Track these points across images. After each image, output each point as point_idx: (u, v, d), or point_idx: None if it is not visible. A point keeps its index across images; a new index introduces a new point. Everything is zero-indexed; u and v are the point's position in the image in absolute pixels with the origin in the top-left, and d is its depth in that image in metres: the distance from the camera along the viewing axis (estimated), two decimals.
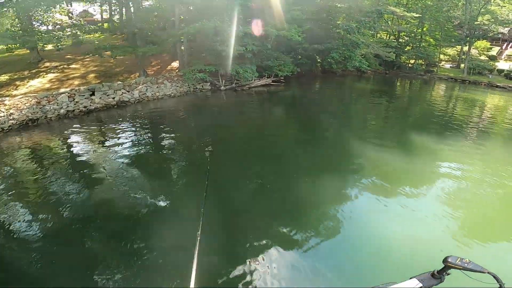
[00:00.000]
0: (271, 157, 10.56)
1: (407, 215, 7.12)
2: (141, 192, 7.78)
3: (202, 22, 16.68)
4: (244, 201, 7.69)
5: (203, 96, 20.17)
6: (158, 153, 10.91)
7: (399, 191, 8.14)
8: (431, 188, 8.51)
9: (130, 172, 9.03)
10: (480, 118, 18.40)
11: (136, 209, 7.09)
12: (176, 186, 8.52)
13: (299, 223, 6.67)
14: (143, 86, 19.88)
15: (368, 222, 6.80)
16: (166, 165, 9.80)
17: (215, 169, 8.96)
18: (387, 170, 9.59)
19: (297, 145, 11.96)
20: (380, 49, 30.10)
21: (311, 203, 7.60)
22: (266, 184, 8.54)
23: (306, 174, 9.23)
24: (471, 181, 8.98)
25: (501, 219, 7.30)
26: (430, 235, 6.32)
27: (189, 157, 10.64)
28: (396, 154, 10.76)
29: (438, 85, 32.17)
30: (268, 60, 22.57)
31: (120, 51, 19.24)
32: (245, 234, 6.28)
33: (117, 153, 10.52)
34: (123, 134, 12.60)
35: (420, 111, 19.98)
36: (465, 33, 36.29)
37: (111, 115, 15.87)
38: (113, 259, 5.59)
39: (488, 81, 33.23)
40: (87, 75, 23.11)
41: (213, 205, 6.96)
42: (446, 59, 42.55)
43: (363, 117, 17.41)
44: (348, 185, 8.63)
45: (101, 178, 8.70)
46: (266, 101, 20.18)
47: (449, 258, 1.39)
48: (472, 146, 12.36)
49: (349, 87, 28.20)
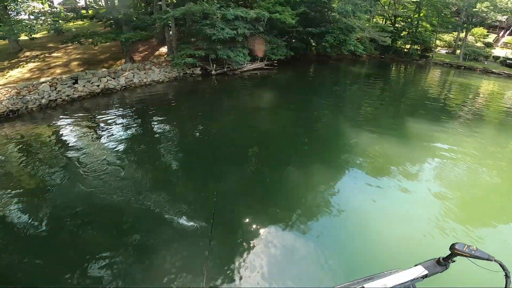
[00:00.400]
0: (261, 146, 10.15)
1: (401, 200, 7.05)
2: (129, 187, 7.38)
3: (189, 4, 15.77)
4: (236, 191, 7.37)
5: (193, 82, 19.46)
6: (145, 145, 10.29)
7: (394, 176, 8.06)
8: (425, 172, 8.44)
9: (118, 165, 8.61)
10: (475, 103, 18.19)
11: (126, 205, 6.72)
12: (164, 182, 8.01)
13: (289, 210, 6.47)
14: (129, 72, 19.07)
15: (362, 209, 6.65)
16: (154, 160, 9.28)
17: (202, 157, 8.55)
18: (381, 155, 9.38)
19: (289, 131, 11.60)
20: (375, 34, 29.30)
21: (303, 188, 7.36)
22: (255, 176, 8.12)
23: (298, 161, 8.88)
24: (465, 163, 9.01)
25: (497, 202, 7.27)
26: (425, 221, 6.22)
27: (177, 151, 10.13)
28: (390, 140, 10.52)
29: (434, 70, 31.82)
30: (260, 44, 21.71)
31: (101, 38, 18.26)
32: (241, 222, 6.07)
33: (103, 144, 10.07)
34: (108, 123, 12.09)
35: (414, 96, 19.60)
36: (462, 20, 35.76)
37: (96, 103, 15.23)
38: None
39: (484, 67, 32.98)
40: (69, 63, 22.16)
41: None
42: (442, 45, 42.18)
43: (357, 102, 16.97)
44: (342, 170, 8.38)
45: (88, 172, 8.25)
46: (258, 86, 19.58)
47: (456, 245, 1.36)
48: (466, 131, 12.20)
49: (343, 71, 27.61)
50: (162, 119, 12.81)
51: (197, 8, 16.30)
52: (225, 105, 15.29)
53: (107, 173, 8.04)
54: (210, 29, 17.01)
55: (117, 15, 20.39)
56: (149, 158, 9.15)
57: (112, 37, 18.24)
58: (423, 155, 9.48)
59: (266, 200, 7.00)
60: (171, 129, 11.72)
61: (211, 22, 17.23)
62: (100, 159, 8.85)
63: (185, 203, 6.63)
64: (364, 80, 23.12)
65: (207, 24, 17.27)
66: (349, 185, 7.61)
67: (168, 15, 17.01)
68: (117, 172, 8.12)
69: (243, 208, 6.51)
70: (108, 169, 8.25)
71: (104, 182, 7.61)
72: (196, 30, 18.05)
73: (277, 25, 22.54)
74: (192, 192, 7.26)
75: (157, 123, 12.38)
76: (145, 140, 10.52)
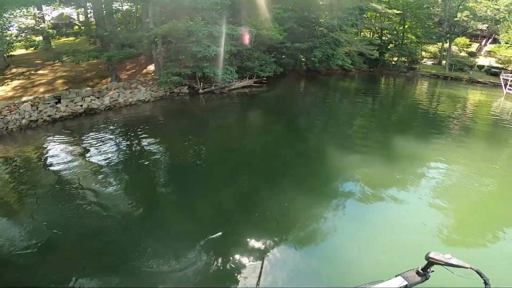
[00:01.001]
0: (246, 170, 9.66)
1: (392, 214, 7.00)
2: (108, 217, 6.88)
3: (172, 22, 15.55)
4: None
5: (180, 101, 19.00)
6: (127, 172, 9.66)
7: (384, 191, 7.92)
8: (416, 186, 8.35)
9: (99, 188, 8.25)
10: (464, 114, 18.18)
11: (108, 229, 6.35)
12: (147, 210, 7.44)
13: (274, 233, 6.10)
14: (114, 91, 18.57)
15: (352, 225, 6.51)
16: (137, 187, 8.71)
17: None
18: (371, 178, 8.92)
19: (276, 153, 11.07)
20: (363, 47, 29.69)
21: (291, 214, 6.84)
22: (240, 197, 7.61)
23: (285, 184, 8.40)
24: (455, 178, 8.98)
25: (485, 216, 7.22)
26: (416, 233, 6.19)
27: (159, 176, 9.58)
28: (380, 160, 10.04)
29: (421, 82, 32.20)
30: (248, 61, 21.55)
31: (84, 56, 17.83)
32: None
33: (83, 168, 9.63)
34: (90, 146, 11.64)
35: (404, 110, 19.55)
36: (445, 30, 36.69)
37: (78, 124, 14.79)
38: None
39: (469, 77, 33.58)
40: (54, 81, 21.67)
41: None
42: (428, 56, 43.05)
43: (347, 119, 16.66)
44: (330, 197, 7.87)
45: (70, 195, 7.87)
46: (246, 105, 19.16)
47: (431, 254, 1.37)
48: (457, 145, 12.06)
49: (333, 87, 27.61)
50: (146, 142, 12.18)
51: (181, 25, 16.05)
52: (211, 126, 14.72)
53: (81, 199, 7.54)
54: (196, 47, 16.75)
55: (103, 33, 20.06)
56: (130, 186, 8.57)
57: (94, 55, 17.81)
58: (415, 175, 9.15)
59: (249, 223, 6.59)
60: (155, 152, 11.10)
61: (197, 40, 16.99)
62: (77, 184, 8.37)
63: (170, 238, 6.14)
64: (353, 96, 23.00)
65: (193, 41, 17.02)
66: (337, 213, 7.11)
67: (151, 33, 16.71)
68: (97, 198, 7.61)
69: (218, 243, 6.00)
70: (83, 196, 7.75)
71: (74, 209, 7.11)
72: (182, 48, 17.77)
73: (265, 41, 22.51)
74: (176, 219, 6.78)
75: (141, 146, 11.78)
76: (128, 166, 9.92)
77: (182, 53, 18.68)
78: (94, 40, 20.33)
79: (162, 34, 17.36)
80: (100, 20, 19.32)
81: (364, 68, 36.00)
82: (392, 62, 39.11)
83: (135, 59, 26.97)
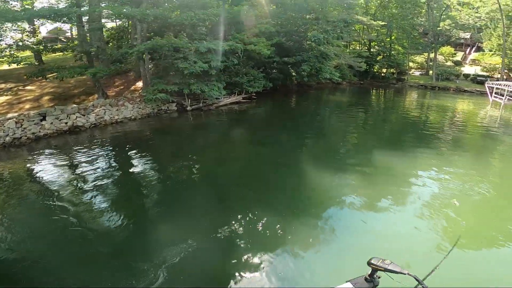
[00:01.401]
0: (230, 192, 9.23)
1: (387, 227, 6.95)
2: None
3: (155, 39, 15.48)
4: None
5: (167, 118, 18.66)
6: (109, 194, 9.18)
7: (379, 205, 7.91)
8: (409, 199, 8.28)
9: (79, 209, 8.01)
10: (452, 125, 18.27)
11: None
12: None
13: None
14: (100, 109, 18.27)
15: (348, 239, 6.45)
16: (120, 207, 8.28)
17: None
18: (362, 200, 8.54)
19: (262, 172, 10.61)
20: (351, 60, 30.13)
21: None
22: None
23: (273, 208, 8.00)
24: (447, 189, 8.87)
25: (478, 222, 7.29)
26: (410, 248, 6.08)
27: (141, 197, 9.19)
28: (371, 179, 9.76)
29: (410, 93, 32.54)
30: (237, 76, 21.52)
31: (68, 72, 17.61)
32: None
33: (65, 187, 9.41)
34: (73, 165, 11.50)
35: (395, 123, 19.55)
36: (430, 40, 37.50)
37: (62, 142, 14.47)
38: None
39: (456, 86, 34.18)
40: (41, 97, 21.33)
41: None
42: (415, 67, 43.78)
43: (337, 134, 16.36)
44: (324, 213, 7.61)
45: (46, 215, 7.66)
46: (233, 121, 18.83)
47: (372, 260, 1.36)
48: (446, 155, 12.02)
49: (323, 101, 27.67)
50: (130, 161, 11.78)
51: (164, 42, 15.94)
52: (196, 145, 14.24)
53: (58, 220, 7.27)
54: (182, 63, 16.63)
55: (89, 48, 19.89)
56: (113, 207, 8.13)
57: (79, 72, 17.55)
58: (405, 184, 9.15)
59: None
60: (137, 172, 10.75)
61: (184, 56, 16.90)
62: (55, 204, 8.16)
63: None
64: (344, 109, 22.92)
65: (180, 57, 16.92)
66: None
67: (134, 50, 16.56)
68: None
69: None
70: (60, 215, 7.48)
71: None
72: (169, 64, 17.65)
73: (253, 56, 22.59)
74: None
75: (125, 165, 11.41)
76: (110, 186, 9.52)
77: (170, 70, 18.57)
78: (80, 56, 20.13)
79: (145, 51, 17.22)
80: (84, 35, 19.18)
81: (355, 80, 36.41)
82: (382, 73, 39.67)
83: (125, 76, 26.79)
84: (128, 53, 16.80)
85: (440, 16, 36.33)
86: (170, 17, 15.96)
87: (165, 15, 15.98)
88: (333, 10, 28.60)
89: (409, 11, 35.79)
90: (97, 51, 21.28)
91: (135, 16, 15.49)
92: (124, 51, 17.72)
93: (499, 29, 32.72)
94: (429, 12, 36.56)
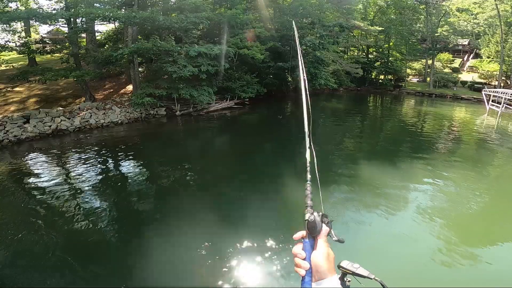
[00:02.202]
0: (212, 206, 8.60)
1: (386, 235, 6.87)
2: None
3: (139, 42, 14.96)
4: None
5: (155, 123, 18.03)
6: (90, 204, 8.59)
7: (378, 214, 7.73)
8: (400, 212, 8.06)
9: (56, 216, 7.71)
10: (450, 134, 17.81)
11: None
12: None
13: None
14: (87, 112, 17.71)
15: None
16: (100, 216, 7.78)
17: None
18: (361, 200, 8.54)
19: (248, 186, 9.86)
20: (348, 66, 29.70)
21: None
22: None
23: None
24: (445, 197, 8.81)
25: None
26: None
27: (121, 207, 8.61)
28: (368, 184, 9.54)
29: (408, 101, 32.09)
30: (229, 81, 20.95)
31: (52, 75, 17.13)
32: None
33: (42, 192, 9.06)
34: (50, 171, 11.11)
35: (391, 132, 18.97)
36: (428, 46, 37.15)
37: (45, 145, 14.04)
38: None
39: (453, 93, 33.76)
40: (28, 99, 20.87)
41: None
42: (413, 73, 43.41)
43: (331, 144, 15.76)
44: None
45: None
46: (224, 128, 18.21)
47: (341, 262, 1.34)
48: (442, 165, 11.70)
49: (319, 107, 26.92)
50: (109, 168, 11.40)
51: (149, 45, 15.39)
52: (182, 152, 13.60)
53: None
54: (171, 67, 16.08)
55: (76, 50, 19.38)
56: (93, 215, 7.70)
57: (62, 74, 17.06)
58: (402, 196, 8.88)
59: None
60: (117, 178, 10.36)
61: (173, 59, 16.34)
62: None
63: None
64: (340, 117, 22.33)
65: (169, 61, 16.37)
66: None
67: (118, 53, 16.06)
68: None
69: None
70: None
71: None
72: (157, 68, 17.09)
73: (247, 61, 22.08)
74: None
75: (105, 171, 10.96)
76: (89, 193, 9.09)
77: (159, 74, 18.03)
78: (66, 58, 19.67)
79: (129, 54, 16.70)
80: (73, 37, 18.67)
81: (352, 87, 35.92)
82: (379, 80, 39.20)
83: (116, 78, 26.20)
84: (113, 56, 16.20)
85: (438, 22, 36.04)
86: (158, 20, 15.41)
87: (153, 18, 15.46)
88: (330, 14, 28.24)
89: (408, 16, 35.48)
90: (85, 53, 20.79)
91: (119, 19, 14.99)
92: (108, 53, 17.17)
93: (497, 36, 32.45)
94: (428, 18, 36.30)
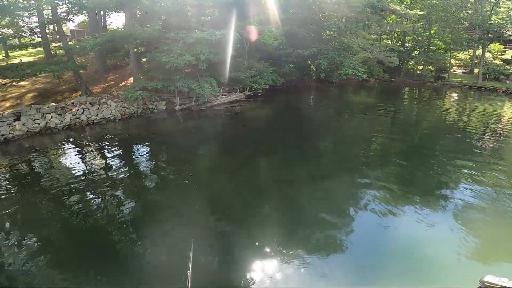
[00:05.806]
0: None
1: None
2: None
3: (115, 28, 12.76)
4: None
5: (152, 120, 15.82)
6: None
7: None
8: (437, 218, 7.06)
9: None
10: (500, 136, 14.26)
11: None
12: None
13: None
14: (79, 107, 16.04)
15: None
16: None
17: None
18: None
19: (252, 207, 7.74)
20: (380, 54, 25.47)
21: None
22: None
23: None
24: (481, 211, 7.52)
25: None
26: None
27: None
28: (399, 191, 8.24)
29: (451, 94, 27.75)
30: (238, 71, 18.10)
31: (30, 71, 15.80)
32: None
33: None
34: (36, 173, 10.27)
35: (428, 133, 15.35)
36: (477, 35, 32.12)
37: (32, 145, 13.00)
38: None
39: (506, 87, 28.97)
40: (25, 95, 19.85)
41: None
42: (457, 64, 38.82)
43: (358, 143, 12.89)
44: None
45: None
46: (225, 126, 15.53)
47: (486, 277, 1.60)
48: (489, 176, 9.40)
49: (345, 102, 23.20)
50: (94, 169, 10.13)
51: (125, 33, 13.10)
52: (171, 160, 11.28)
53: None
54: (165, 56, 13.66)
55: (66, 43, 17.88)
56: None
57: (40, 69, 15.68)
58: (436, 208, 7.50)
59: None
60: (103, 178, 9.32)
61: (168, 48, 13.92)
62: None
63: None
64: (368, 113, 18.40)
65: (164, 50, 13.99)
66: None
67: (89, 44, 14.11)
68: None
69: None
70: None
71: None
72: (150, 57, 14.83)
73: (260, 47, 19.22)
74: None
75: (86, 175, 9.75)
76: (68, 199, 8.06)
77: (150, 63, 15.84)
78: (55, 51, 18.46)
79: (101, 44, 14.73)
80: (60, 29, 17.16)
81: (385, 77, 32.33)
82: (417, 71, 35.38)
83: (122, 70, 24.70)
84: (87, 48, 14.29)
85: (491, 10, 30.74)
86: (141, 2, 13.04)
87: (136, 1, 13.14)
88: None
89: (453, 2, 30.51)
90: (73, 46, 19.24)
91: (108, 4, 12.89)
92: (81, 45, 15.44)
93: None
94: (477, 5, 31.23)
